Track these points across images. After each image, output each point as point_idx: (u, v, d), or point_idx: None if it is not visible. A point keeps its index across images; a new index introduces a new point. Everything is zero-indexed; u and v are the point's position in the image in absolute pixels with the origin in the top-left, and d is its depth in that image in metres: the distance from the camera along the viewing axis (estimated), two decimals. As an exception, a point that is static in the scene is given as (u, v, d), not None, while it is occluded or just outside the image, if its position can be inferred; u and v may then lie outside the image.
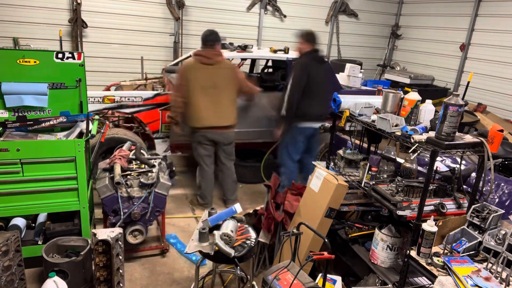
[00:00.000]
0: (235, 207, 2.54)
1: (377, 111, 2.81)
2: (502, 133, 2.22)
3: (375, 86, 5.84)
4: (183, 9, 7.20)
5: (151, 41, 7.19)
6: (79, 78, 3.18)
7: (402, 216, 2.38)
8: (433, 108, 2.60)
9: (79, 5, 6.45)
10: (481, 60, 7.27)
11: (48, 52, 3.06)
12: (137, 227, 3.09)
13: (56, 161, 2.74)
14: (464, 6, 7.54)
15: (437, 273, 2.08)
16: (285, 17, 8.11)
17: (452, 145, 2.21)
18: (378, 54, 9.39)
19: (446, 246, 2.24)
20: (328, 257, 2.20)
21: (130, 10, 6.91)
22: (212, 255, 2.31)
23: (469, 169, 2.91)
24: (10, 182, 2.67)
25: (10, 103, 3.01)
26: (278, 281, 2.19)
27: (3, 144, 2.61)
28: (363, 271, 2.80)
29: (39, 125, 3.07)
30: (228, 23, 7.68)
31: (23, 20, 6.31)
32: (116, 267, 2.59)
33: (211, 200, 4.34)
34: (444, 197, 2.56)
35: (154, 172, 3.16)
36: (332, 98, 3.07)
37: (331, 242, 2.36)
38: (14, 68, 2.99)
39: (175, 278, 3.19)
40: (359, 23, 8.94)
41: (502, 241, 2.15)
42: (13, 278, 2.53)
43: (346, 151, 3.09)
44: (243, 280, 2.68)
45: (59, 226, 2.97)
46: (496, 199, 3.08)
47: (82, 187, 2.84)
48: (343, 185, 2.79)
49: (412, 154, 2.69)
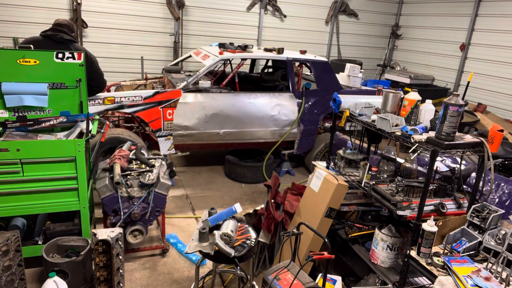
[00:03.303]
0: (235, 207, 2.54)
1: (377, 111, 2.81)
2: (502, 133, 2.22)
3: (375, 86, 5.85)
4: (183, 9, 7.21)
5: (151, 41, 7.20)
6: (79, 78, 3.18)
7: (402, 216, 2.38)
8: (433, 108, 2.60)
9: (79, 5, 6.45)
10: (481, 60, 7.27)
11: (48, 52, 3.07)
12: (137, 227, 3.09)
13: (56, 161, 2.74)
14: (464, 6, 7.54)
15: (437, 273, 2.08)
16: (285, 17, 8.11)
17: (452, 145, 2.21)
18: (378, 54, 9.39)
19: (446, 246, 2.24)
20: (328, 257, 2.20)
21: (130, 10, 6.92)
22: (212, 255, 2.31)
23: (469, 169, 2.91)
24: (10, 182, 2.67)
25: (10, 103, 3.01)
26: (278, 281, 2.19)
27: (3, 144, 2.61)
28: (363, 271, 2.80)
29: (39, 125, 3.07)
30: (228, 23, 7.69)
31: (23, 20, 6.32)
32: (116, 267, 2.59)
33: None
34: (444, 197, 2.56)
35: (154, 172, 3.16)
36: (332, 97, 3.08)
37: (331, 242, 2.36)
38: (14, 68, 2.99)
39: (175, 278, 3.19)
40: (359, 23, 8.94)
41: (502, 241, 2.15)
42: (13, 278, 2.53)
43: (346, 151, 3.09)
44: (243, 280, 2.68)
45: (59, 226, 2.97)
46: (496, 199, 3.08)
47: (82, 187, 2.85)
48: (343, 185, 2.79)
49: (412, 154, 2.70)
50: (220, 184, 5.01)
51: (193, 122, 4.56)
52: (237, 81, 5.02)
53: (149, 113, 4.39)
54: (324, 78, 5.21)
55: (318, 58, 5.25)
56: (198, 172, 5.30)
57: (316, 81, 5.20)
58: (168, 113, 4.45)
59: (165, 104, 4.42)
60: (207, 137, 4.71)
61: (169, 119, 4.46)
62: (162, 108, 4.42)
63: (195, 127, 4.58)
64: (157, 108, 4.40)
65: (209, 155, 5.89)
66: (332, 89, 5.11)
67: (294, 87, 5.03)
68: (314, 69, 5.16)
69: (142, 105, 4.39)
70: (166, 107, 4.42)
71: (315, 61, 5.18)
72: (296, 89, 5.05)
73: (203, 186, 4.90)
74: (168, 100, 4.40)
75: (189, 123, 4.54)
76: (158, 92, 4.40)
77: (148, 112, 4.38)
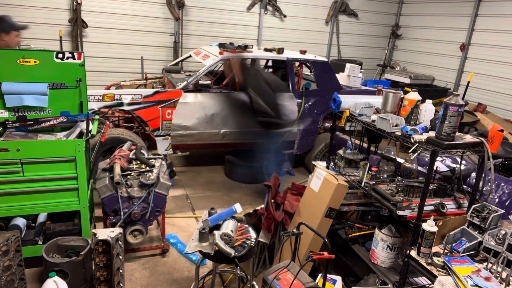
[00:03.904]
0: (235, 207, 2.54)
1: (377, 111, 2.81)
2: (502, 133, 2.22)
3: (375, 86, 5.85)
4: (183, 9, 7.21)
5: (151, 41, 7.19)
6: (79, 78, 3.18)
7: (402, 216, 2.38)
8: (433, 108, 2.60)
9: (79, 5, 6.45)
10: (481, 60, 7.27)
11: (48, 52, 3.06)
12: (137, 227, 3.09)
13: (56, 161, 2.73)
14: (464, 6, 7.54)
15: (437, 273, 2.08)
16: (285, 17, 8.11)
17: (452, 145, 2.21)
18: (378, 54, 9.39)
19: (446, 246, 2.24)
20: (328, 257, 2.20)
21: (130, 10, 6.92)
22: (212, 255, 2.31)
23: (469, 169, 2.91)
24: (10, 182, 2.67)
25: (10, 103, 3.00)
26: (278, 281, 2.19)
27: (3, 144, 2.61)
28: (363, 271, 2.80)
29: (39, 125, 3.07)
30: (228, 23, 7.69)
31: (23, 20, 6.27)
32: (116, 267, 2.59)
33: None
34: (444, 197, 2.56)
35: (154, 172, 3.16)
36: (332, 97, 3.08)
37: (331, 242, 2.36)
38: (14, 68, 2.99)
39: (175, 278, 3.19)
40: (359, 23, 8.94)
41: (502, 241, 2.15)
42: (13, 278, 2.53)
43: (346, 151, 3.09)
44: (243, 280, 2.68)
45: (59, 226, 2.97)
46: (496, 199, 3.08)
47: (82, 187, 2.84)
48: (343, 185, 2.79)
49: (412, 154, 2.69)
50: (220, 184, 5.01)
51: (193, 122, 4.56)
52: (237, 81, 5.02)
53: (148, 112, 4.39)
54: (324, 78, 5.21)
55: (318, 58, 5.25)
56: (198, 172, 5.30)
57: (316, 81, 5.20)
58: (167, 113, 4.45)
59: (165, 104, 4.42)
60: (207, 137, 4.71)
61: (168, 119, 4.46)
62: (162, 108, 4.42)
63: (195, 127, 4.58)
64: (157, 107, 4.40)
65: (209, 155, 5.89)
66: (332, 89, 5.10)
67: (294, 87, 5.03)
68: (314, 69, 5.16)
69: (141, 104, 4.39)
70: (165, 107, 4.42)
71: (315, 61, 5.18)
72: (296, 89, 5.05)
73: (203, 186, 4.90)
74: (168, 100, 4.40)
75: (189, 123, 4.54)
76: (158, 92, 4.40)
77: (147, 111, 4.38)
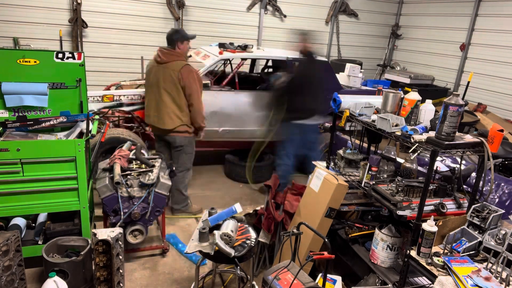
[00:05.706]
0: (235, 207, 2.54)
1: (377, 111, 2.81)
2: (502, 133, 2.22)
3: (375, 86, 5.85)
4: (183, 9, 7.20)
5: (151, 41, 7.18)
6: (79, 78, 3.18)
7: (402, 216, 2.38)
8: (433, 108, 2.60)
9: (79, 5, 6.45)
10: (481, 60, 7.27)
11: (48, 52, 3.07)
12: (137, 227, 3.09)
13: (56, 161, 2.74)
14: (464, 6, 7.53)
15: (437, 273, 2.08)
16: (285, 17, 8.11)
17: (452, 145, 2.21)
18: (378, 54, 9.38)
19: (446, 246, 2.24)
20: (328, 257, 2.20)
21: (130, 10, 6.91)
22: (212, 255, 2.31)
23: (469, 169, 2.91)
24: (10, 182, 2.67)
25: (10, 103, 3.01)
26: (278, 281, 2.19)
27: (3, 144, 2.61)
28: (363, 271, 2.80)
29: (39, 125, 3.07)
30: (228, 23, 7.68)
31: (23, 20, 6.31)
32: (116, 267, 2.59)
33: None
34: (444, 197, 2.55)
35: (154, 172, 3.16)
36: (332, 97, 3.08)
37: (331, 242, 2.36)
38: (14, 68, 2.99)
39: (175, 278, 3.19)
40: (359, 23, 8.94)
41: (502, 241, 2.15)
42: (13, 278, 2.53)
43: (346, 151, 3.09)
44: (243, 280, 2.68)
45: (59, 226, 2.97)
46: (496, 199, 3.08)
47: (82, 187, 2.85)
48: (343, 185, 2.79)
49: (412, 154, 2.70)
50: (220, 184, 5.01)
51: None
52: (237, 81, 5.02)
53: None
54: (324, 78, 5.20)
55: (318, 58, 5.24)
56: (198, 172, 5.29)
57: (316, 81, 5.18)
58: None
59: None
60: (206, 135, 4.71)
61: None
62: None
63: None
64: None
65: (209, 155, 5.89)
66: (332, 89, 5.10)
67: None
68: (314, 69, 5.14)
69: (141, 104, 4.38)
70: None
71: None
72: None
73: (203, 186, 4.90)
74: None
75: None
76: None
77: None
